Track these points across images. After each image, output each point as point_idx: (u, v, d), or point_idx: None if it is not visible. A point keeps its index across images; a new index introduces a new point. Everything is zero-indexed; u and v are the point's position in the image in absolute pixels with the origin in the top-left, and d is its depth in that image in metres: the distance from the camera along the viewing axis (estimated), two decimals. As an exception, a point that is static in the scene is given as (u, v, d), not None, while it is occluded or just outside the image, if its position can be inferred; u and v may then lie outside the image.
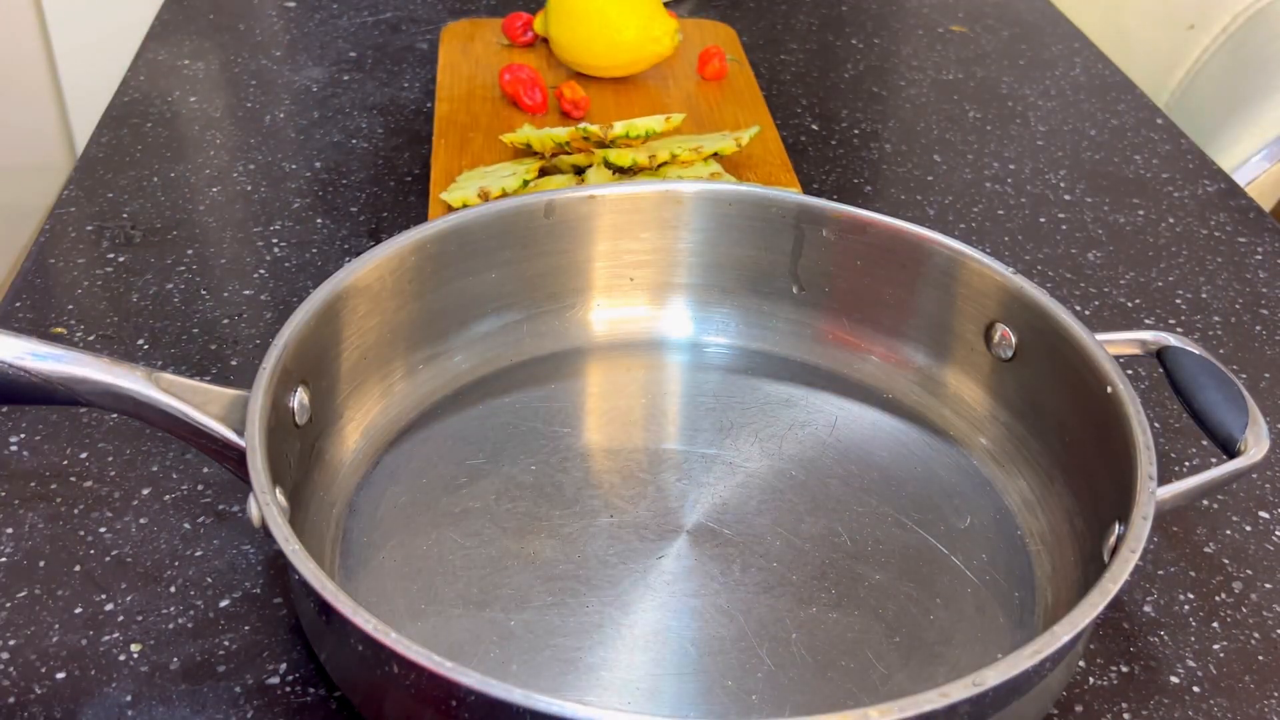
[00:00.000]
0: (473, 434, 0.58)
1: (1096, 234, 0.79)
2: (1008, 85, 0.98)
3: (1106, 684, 0.49)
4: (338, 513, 0.53)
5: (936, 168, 0.85)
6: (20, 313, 0.67)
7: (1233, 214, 0.82)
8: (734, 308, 0.65)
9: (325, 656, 0.47)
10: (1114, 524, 0.47)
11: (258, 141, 0.84)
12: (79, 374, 0.46)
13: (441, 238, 0.58)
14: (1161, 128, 0.92)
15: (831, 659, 0.48)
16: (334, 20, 1.02)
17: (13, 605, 0.50)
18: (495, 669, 0.47)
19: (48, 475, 0.56)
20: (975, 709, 0.40)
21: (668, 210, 0.63)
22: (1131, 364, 0.66)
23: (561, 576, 0.51)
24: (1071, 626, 0.40)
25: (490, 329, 0.62)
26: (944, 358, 0.61)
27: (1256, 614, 0.53)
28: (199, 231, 0.75)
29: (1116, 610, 0.53)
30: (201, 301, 0.68)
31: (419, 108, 0.89)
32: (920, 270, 0.60)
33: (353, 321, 0.55)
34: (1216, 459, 0.51)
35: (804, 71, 0.98)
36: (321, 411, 0.53)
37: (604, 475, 0.56)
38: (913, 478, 0.57)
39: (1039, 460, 0.56)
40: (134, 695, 0.47)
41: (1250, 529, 0.57)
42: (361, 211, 0.77)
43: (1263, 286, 0.74)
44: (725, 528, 0.54)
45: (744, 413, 0.60)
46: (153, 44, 0.97)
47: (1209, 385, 0.52)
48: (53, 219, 0.75)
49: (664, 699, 0.47)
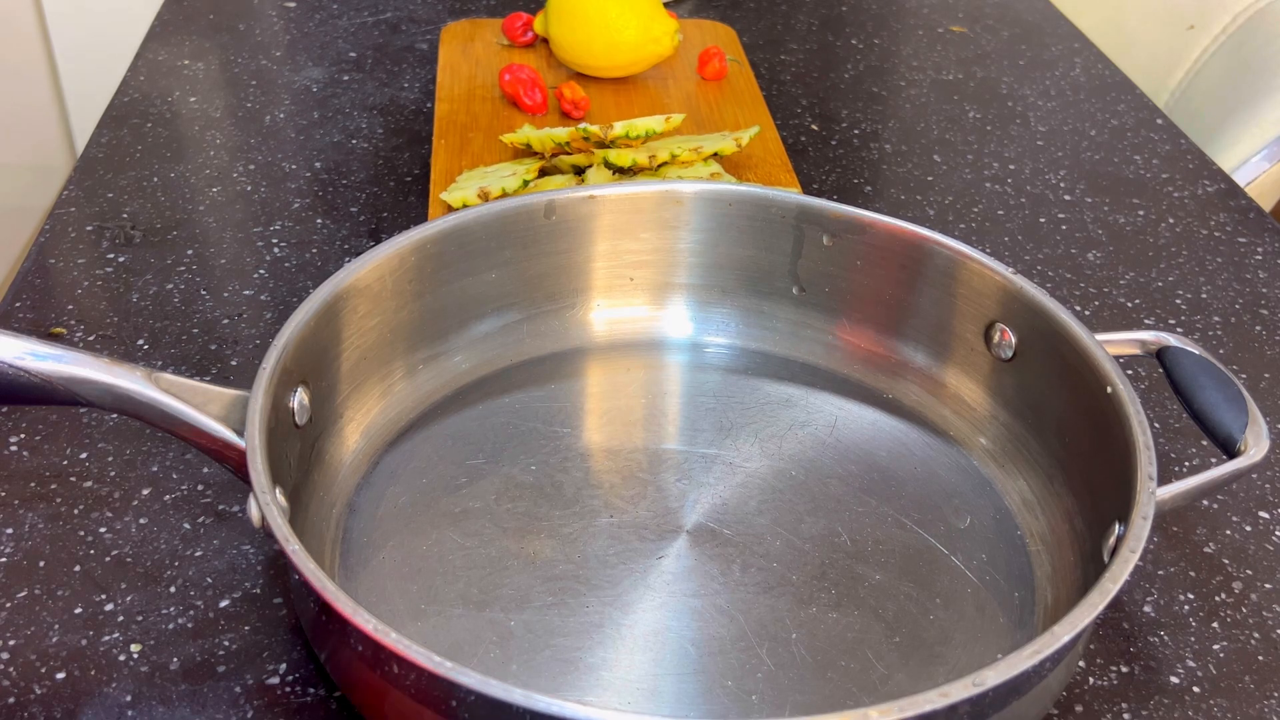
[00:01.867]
0: (473, 434, 0.58)
1: (1096, 234, 0.79)
2: (1008, 85, 0.98)
3: (1106, 684, 0.49)
4: (338, 513, 0.53)
5: (936, 168, 0.85)
6: (20, 313, 0.67)
7: (1233, 214, 0.82)
8: (734, 308, 0.65)
9: (325, 656, 0.47)
10: (1114, 524, 0.47)
11: (258, 141, 0.84)
12: (79, 374, 0.46)
13: (441, 238, 0.58)
14: (1161, 128, 0.92)
15: (831, 659, 0.48)
16: (334, 20, 1.02)
17: (13, 605, 0.50)
18: (495, 669, 0.47)
19: (48, 475, 0.56)
20: (975, 709, 0.40)
21: (668, 210, 0.63)
22: (1131, 364, 0.66)
23: (561, 576, 0.51)
24: (1071, 626, 0.40)
25: (490, 329, 0.62)
26: (944, 358, 0.61)
27: (1256, 614, 0.53)
28: (199, 231, 0.75)
29: (1116, 610, 0.53)
30: (201, 301, 0.68)
31: (419, 108, 0.89)
32: (920, 270, 0.60)
33: (353, 321, 0.55)
34: (1216, 459, 0.51)
35: (804, 71, 0.98)
36: (321, 411, 0.53)
37: (604, 475, 0.56)
38: (913, 478, 0.57)
39: (1039, 460, 0.56)
40: (134, 695, 0.47)
41: (1250, 529, 0.57)
42: (361, 211, 0.77)
43: (1263, 286, 0.74)
44: (725, 528, 0.54)
45: (744, 413, 0.60)
46: (153, 44, 0.97)
47: (1209, 385, 0.52)
48: (53, 219, 0.75)
49: (664, 699, 0.47)
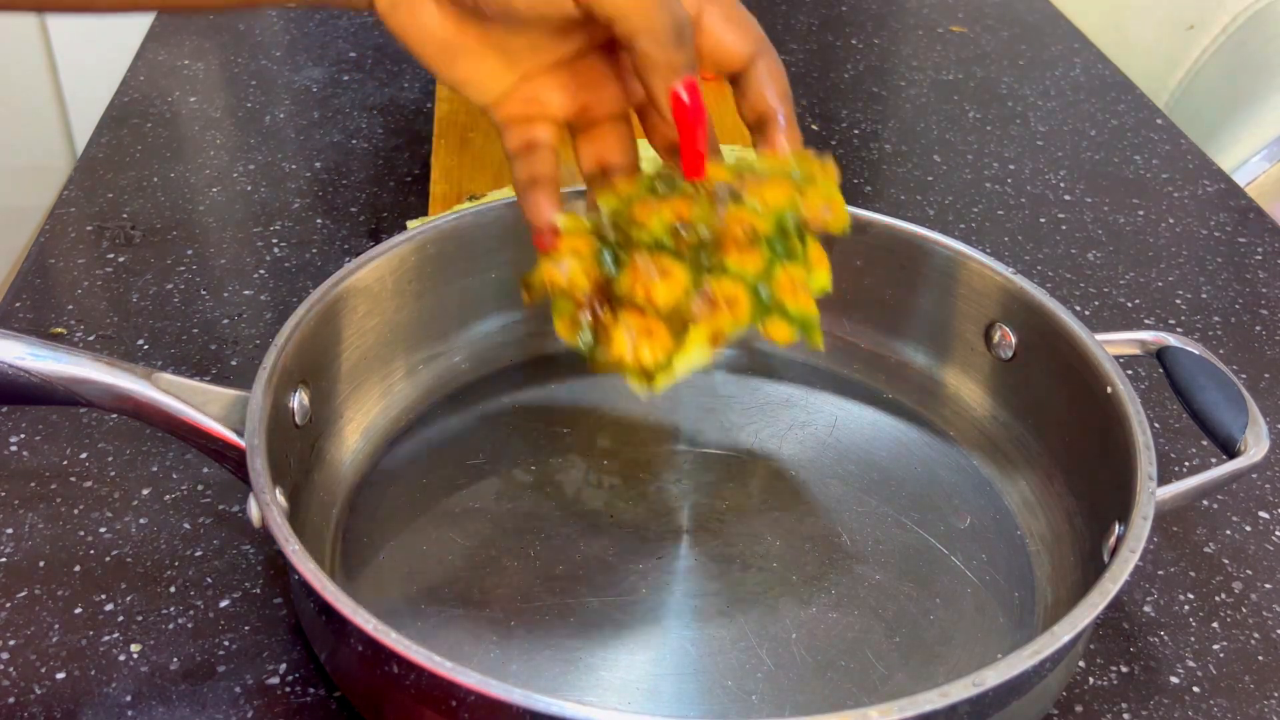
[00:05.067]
0: (473, 434, 0.58)
1: (1096, 234, 0.79)
2: (1008, 85, 0.98)
3: (1106, 684, 0.49)
4: (338, 513, 0.53)
5: (936, 168, 0.85)
6: (20, 313, 0.67)
7: (1233, 214, 0.82)
8: (734, 308, 0.64)
9: (325, 656, 0.47)
10: (1114, 524, 0.47)
11: (258, 141, 0.84)
12: (79, 374, 0.46)
13: (441, 238, 0.58)
14: (1161, 128, 0.92)
15: (831, 659, 0.48)
16: (334, 20, 1.02)
17: (13, 605, 0.50)
18: (495, 669, 0.47)
19: (48, 475, 0.56)
20: (975, 709, 0.40)
21: (668, 210, 0.62)
22: (1131, 364, 0.66)
23: (561, 576, 0.51)
24: (1071, 626, 0.40)
25: (490, 329, 0.62)
26: (944, 358, 0.61)
27: (1256, 614, 0.53)
28: (199, 231, 0.75)
29: (1116, 610, 0.53)
30: (201, 301, 0.68)
31: (419, 108, 0.89)
32: (920, 270, 0.60)
33: (353, 321, 0.55)
34: (1216, 459, 0.51)
35: (804, 71, 0.98)
36: (321, 411, 0.53)
37: (604, 475, 0.56)
38: (913, 478, 0.57)
39: (1039, 460, 0.56)
40: (134, 695, 0.47)
41: (1250, 529, 0.57)
42: (361, 211, 0.77)
43: (1263, 286, 0.74)
44: (725, 528, 0.54)
45: (744, 413, 0.60)
46: (153, 44, 0.97)
47: (1209, 385, 0.52)
48: (53, 219, 0.75)
49: (664, 699, 0.47)
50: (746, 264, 0.45)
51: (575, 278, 0.47)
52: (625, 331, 0.45)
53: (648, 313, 0.45)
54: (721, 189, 0.46)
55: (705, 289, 0.45)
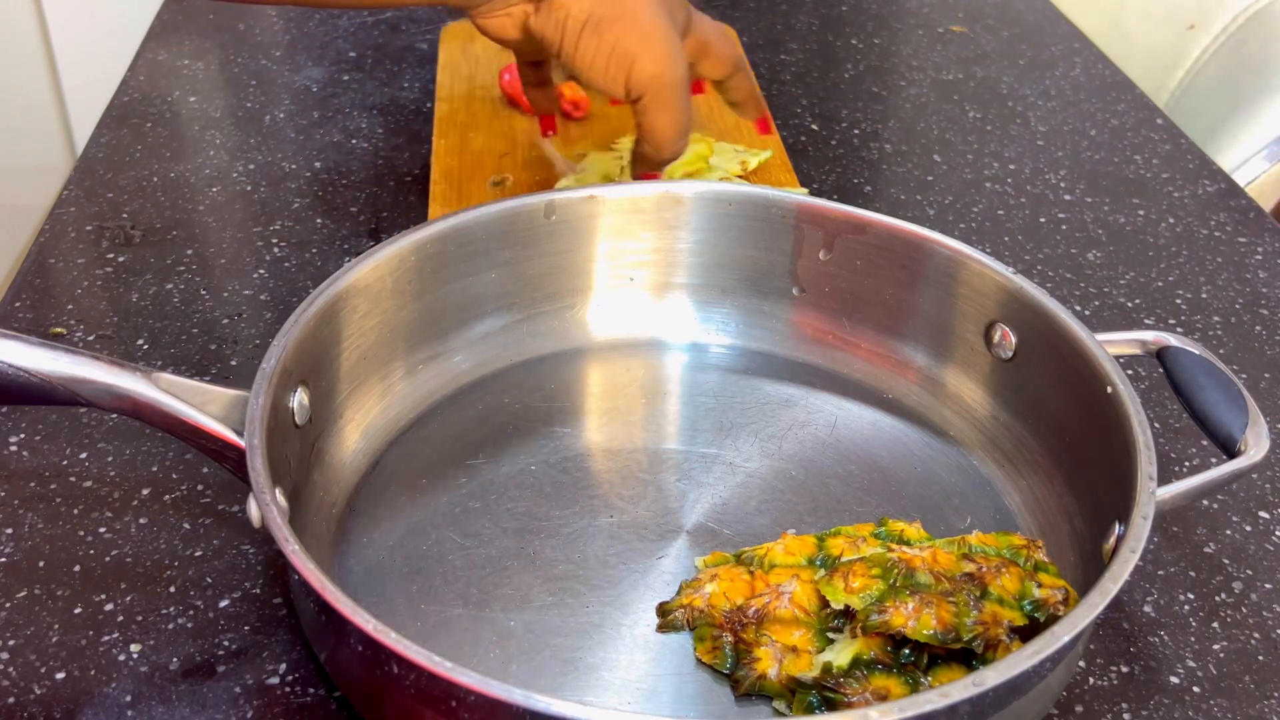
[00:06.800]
0: (473, 434, 0.58)
1: (1096, 234, 0.79)
2: (1008, 85, 0.98)
3: (1106, 684, 0.49)
4: (338, 513, 0.53)
5: (936, 168, 0.85)
6: (20, 313, 0.67)
7: (1233, 214, 0.82)
8: (734, 308, 0.64)
9: (325, 656, 0.47)
10: (1114, 524, 0.47)
11: (258, 141, 0.84)
12: (79, 374, 0.46)
13: (441, 238, 0.58)
14: (1161, 128, 0.92)
15: (831, 659, 0.48)
16: (334, 20, 1.02)
17: (13, 605, 0.50)
18: (495, 669, 0.47)
19: (48, 475, 0.56)
20: (975, 709, 0.40)
21: (668, 210, 0.63)
22: (1131, 364, 0.66)
23: (561, 576, 0.51)
24: (1071, 626, 0.40)
25: (490, 329, 0.62)
26: (944, 358, 0.61)
27: (1256, 614, 0.53)
28: (199, 231, 0.75)
29: (1116, 610, 0.53)
30: (201, 301, 0.68)
31: (419, 108, 0.89)
32: (920, 270, 0.60)
33: (353, 321, 0.55)
34: (1216, 459, 0.51)
35: (804, 71, 0.98)
36: (321, 411, 0.53)
37: (604, 475, 0.56)
38: (913, 478, 0.57)
39: (1039, 460, 0.56)
40: (134, 695, 0.47)
41: (1250, 529, 0.57)
42: (361, 211, 0.77)
43: (1263, 286, 0.74)
44: (725, 528, 0.54)
45: (744, 413, 0.60)
46: (153, 44, 0.97)
47: (1209, 385, 0.52)
48: (53, 219, 0.75)
49: (664, 699, 0.47)
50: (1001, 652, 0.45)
51: (715, 600, 0.48)
52: (769, 649, 0.46)
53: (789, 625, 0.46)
54: (963, 582, 0.46)
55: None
